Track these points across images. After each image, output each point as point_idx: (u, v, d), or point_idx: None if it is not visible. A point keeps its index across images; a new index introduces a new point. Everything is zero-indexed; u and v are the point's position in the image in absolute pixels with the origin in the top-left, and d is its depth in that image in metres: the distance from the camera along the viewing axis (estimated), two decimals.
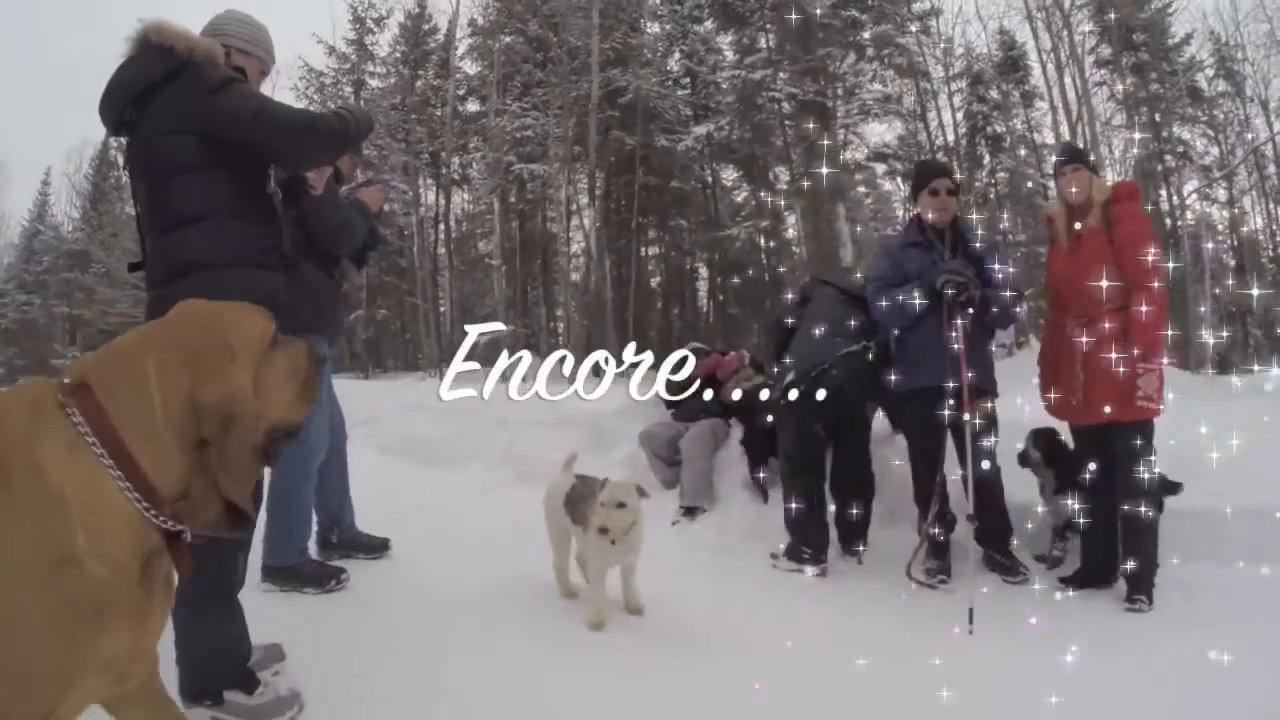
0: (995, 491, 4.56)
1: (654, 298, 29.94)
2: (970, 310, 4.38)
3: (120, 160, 37.53)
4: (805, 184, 19.31)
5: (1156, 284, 4.15)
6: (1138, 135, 23.02)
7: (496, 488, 7.04)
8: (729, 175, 27.94)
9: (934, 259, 4.62)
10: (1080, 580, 4.35)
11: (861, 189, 26.34)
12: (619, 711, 2.97)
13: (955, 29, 25.76)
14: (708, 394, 6.36)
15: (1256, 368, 14.92)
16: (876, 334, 4.89)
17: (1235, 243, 26.79)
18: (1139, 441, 4.14)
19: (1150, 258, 4.15)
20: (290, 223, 4.01)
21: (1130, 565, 4.09)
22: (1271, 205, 25.77)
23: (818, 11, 18.40)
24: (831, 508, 5.02)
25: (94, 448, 1.53)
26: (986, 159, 24.99)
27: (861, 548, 5.00)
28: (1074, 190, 4.36)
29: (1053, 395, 4.45)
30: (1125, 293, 4.15)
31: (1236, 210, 26.45)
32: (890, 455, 5.35)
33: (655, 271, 30.28)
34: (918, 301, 4.49)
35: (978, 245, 4.70)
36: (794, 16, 18.25)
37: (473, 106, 26.77)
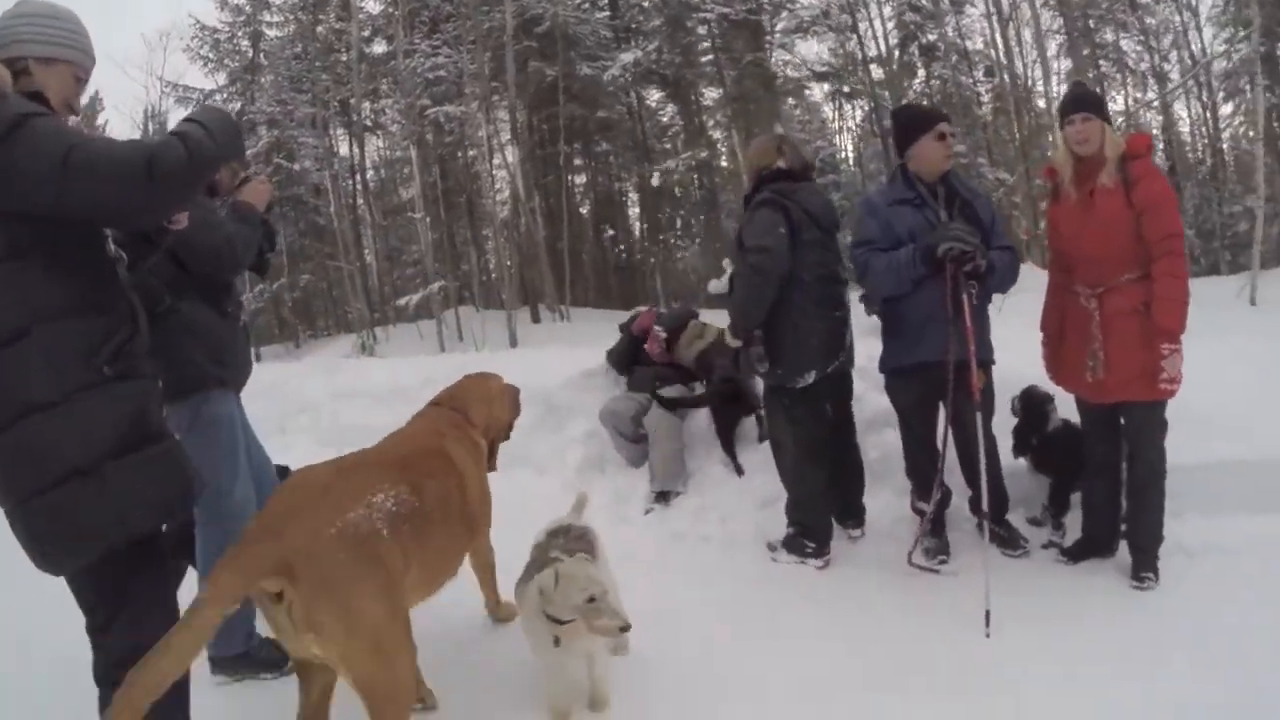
0: (994, 465, 4.27)
1: (585, 226, 29.29)
2: (974, 281, 3.94)
3: None
4: (739, 106, 18.74)
5: (1181, 253, 3.74)
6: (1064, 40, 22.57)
7: None
8: (654, 96, 27.15)
9: (928, 217, 4.11)
10: (1080, 552, 4.16)
11: (790, 101, 25.85)
12: None
13: None
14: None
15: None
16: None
17: (1166, 144, 26.86)
18: (1154, 419, 3.85)
19: (1175, 224, 3.76)
20: (160, 260, 3.26)
21: (1136, 540, 3.93)
22: (1201, 108, 25.70)
23: None
24: None
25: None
26: (920, 70, 24.49)
27: (860, 529, 4.70)
28: (1084, 143, 3.83)
29: (1060, 365, 4.11)
30: (1145, 260, 3.72)
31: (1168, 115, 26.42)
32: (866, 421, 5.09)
33: (584, 200, 29.55)
34: (916, 269, 3.99)
35: (971, 197, 4.24)
36: None
37: (380, 48, 25.38)
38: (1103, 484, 4.08)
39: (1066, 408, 4.36)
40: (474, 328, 17.78)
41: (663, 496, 5.30)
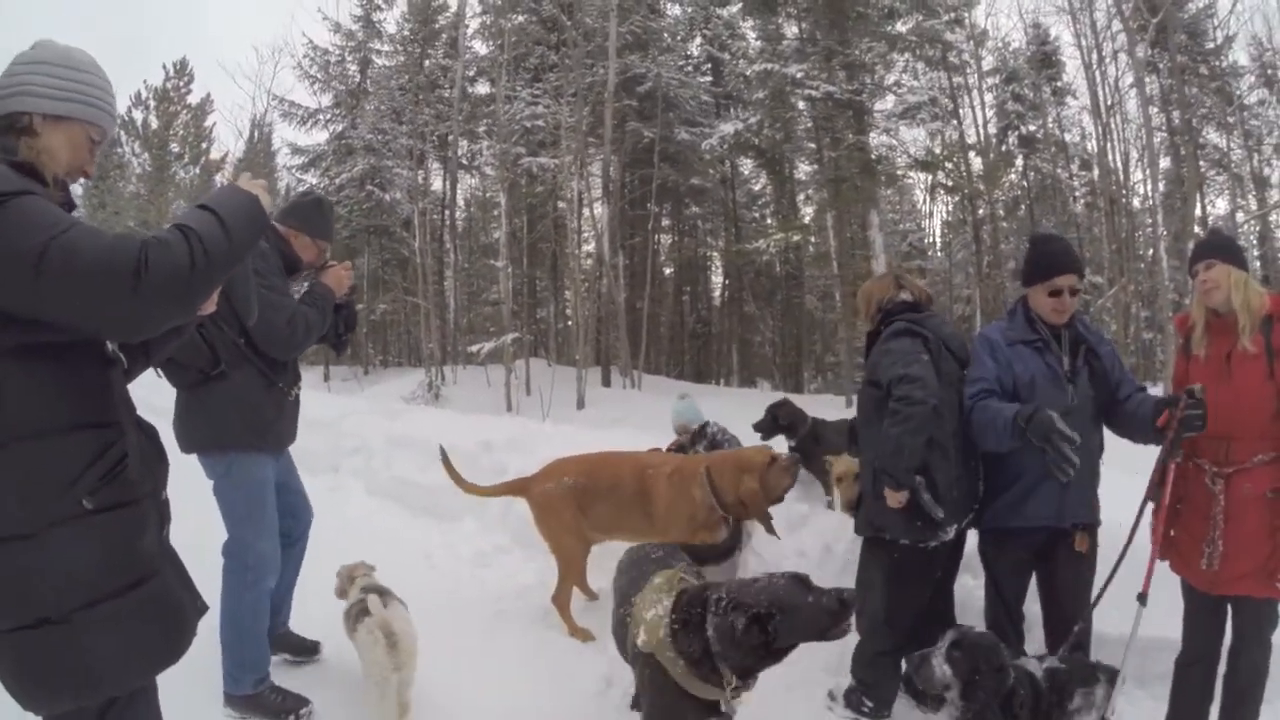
0: (1086, 639, 3.78)
1: (666, 289, 29.20)
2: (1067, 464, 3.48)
3: (123, 137, 37.48)
4: (834, 187, 18.41)
5: None
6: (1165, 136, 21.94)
7: (492, 556, 6.25)
8: (747, 165, 27.02)
9: (1050, 363, 3.70)
10: None
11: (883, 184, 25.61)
12: None
13: (988, 21, 24.84)
14: None
15: None
16: None
17: (1261, 257, 25.90)
18: (1266, 615, 3.39)
19: None
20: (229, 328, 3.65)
21: None
22: None
23: None
24: None
25: (708, 485, 4.59)
26: (1020, 160, 24.02)
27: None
28: (1209, 292, 3.39)
29: (1171, 545, 3.60)
30: None
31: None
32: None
33: (667, 262, 29.47)
34: (1011, 440, 3.55)
35: (1097, 344, 3.80)
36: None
37: (483, 89, 25.72)
38: (1198, 675, 3.56)
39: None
40: (543, 383, 17.56)
41: None
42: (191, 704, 3.52)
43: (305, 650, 4.39)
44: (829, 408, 7.53)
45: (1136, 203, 23.05)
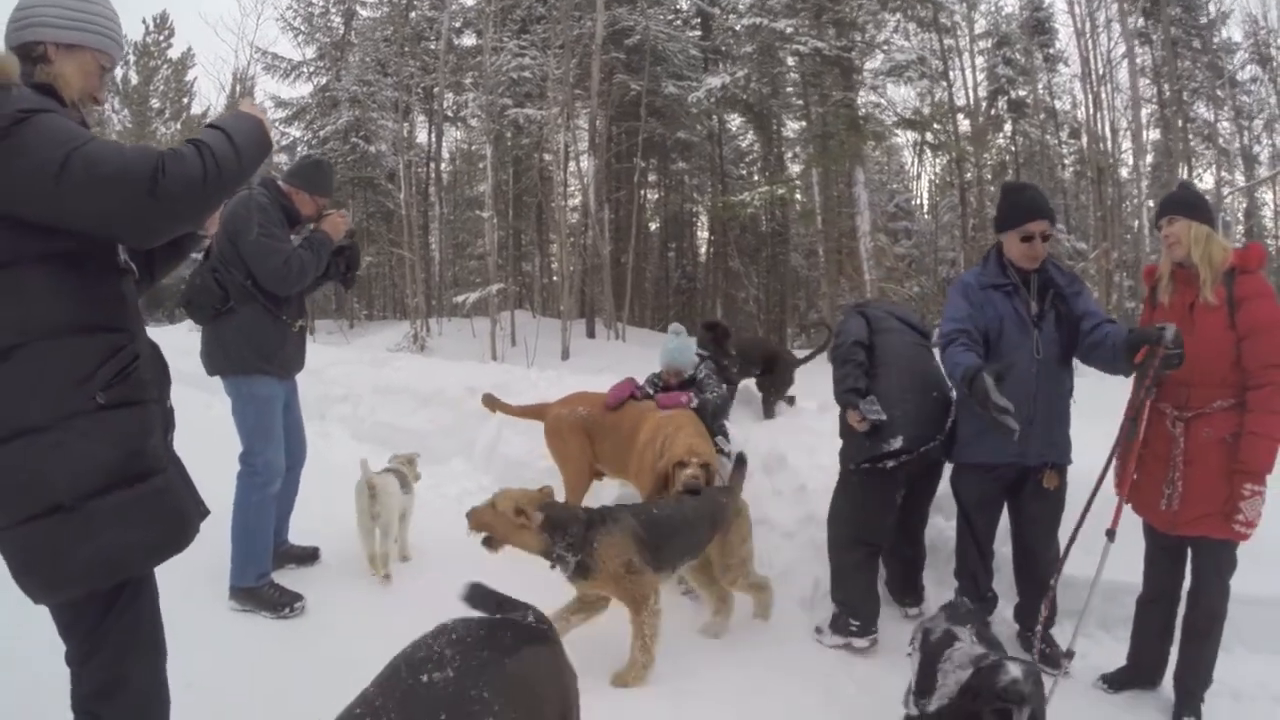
0: (1051, 574, 4.01)
1: (652, 243, 29.17)
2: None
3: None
4: (820, 144, 18.36)
5: None
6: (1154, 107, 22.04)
7: (478, 497, 6.29)
8: (735, 120, 26.90)
9: (1017, 308, 3.92)
10: (1123, 680, 3.89)
11: (871, 143, 25.50)
12: None
13: None
14: None
15: None
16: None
17: (1247, 232, 26.10)
18: (1223, 558, 3.55)
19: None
20: (228, 265, 4.38)
21: (1184, 680, 3.65)
22: None
23: None
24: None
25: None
26: (1008, 126, 24.01)
27: (918, 607, 4.58)
28: (1172, 246, 3.58)
29: (1133, 486, 3.75)
30: (1243, 387, 3.40)
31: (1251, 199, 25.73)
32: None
33: (653, 217, 29.41)
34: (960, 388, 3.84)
35: (1065, 286, 3.98)
36: None
37: (469, 40, 25.40)
38: (1157, 613, 3.79)
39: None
40: (528, 334, 17.61)
41: None
42: (203, 599, 4.39)
43: (306, 557, 5.16)
44: (813, 364, 7.63)
45: (1124, 172, 23.13)
